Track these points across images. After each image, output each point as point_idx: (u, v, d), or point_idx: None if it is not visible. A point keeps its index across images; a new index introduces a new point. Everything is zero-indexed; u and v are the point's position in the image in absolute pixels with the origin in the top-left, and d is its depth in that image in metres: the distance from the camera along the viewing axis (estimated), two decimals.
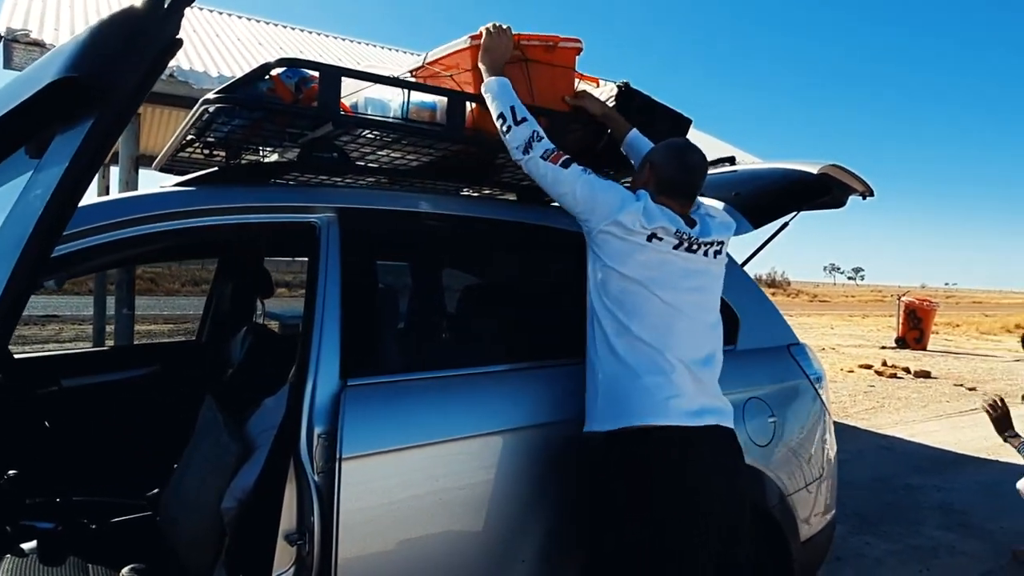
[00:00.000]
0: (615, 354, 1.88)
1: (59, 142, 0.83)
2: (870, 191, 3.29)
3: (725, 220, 2.11)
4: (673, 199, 1.99)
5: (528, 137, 1.95)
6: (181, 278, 23.16)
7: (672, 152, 2.05)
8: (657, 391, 1.84)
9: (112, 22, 0.84)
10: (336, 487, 1.68)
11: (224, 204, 1.86)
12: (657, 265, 1.90)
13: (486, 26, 2.13)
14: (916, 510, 4.74)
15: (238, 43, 6.85)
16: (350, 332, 1.83)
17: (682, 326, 1.91)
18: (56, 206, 0.75)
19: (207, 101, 1.83)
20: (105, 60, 0.81)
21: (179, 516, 2.19)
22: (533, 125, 1.98)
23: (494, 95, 2.01)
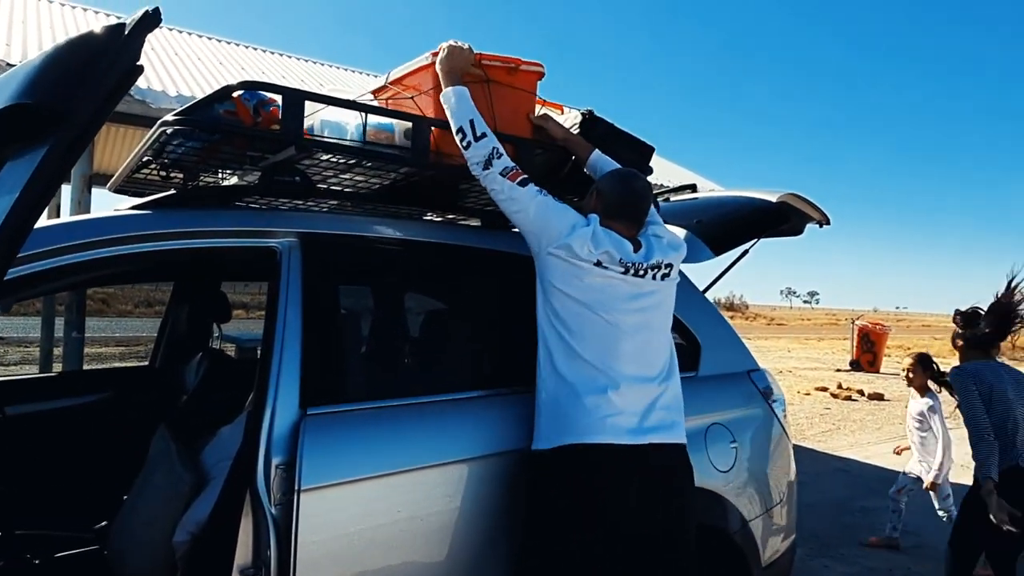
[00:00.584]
0: (558, 373, 1.91)
1: (10, 168, 0.79)
2: (827, 219, 3.38)
3: (673, 241, 2.15)
4: (619, 222, 2.03)
5: (488, 153, 1.98)
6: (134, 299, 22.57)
7: (617, 180, 2.10)
8: (596, 410, 1.86)
9: (70, 48, 0.81)
10: (294, 520, 1.64)
11: (182, 228, 1.82)
12: (601, 288, 1.93)
13: (445, 42, 2.16)
14: (872, 532, 4.81)
15: (198, 62, 6.76)
16: (310, 359, 1.79)
17: (626, 346, 1.93)
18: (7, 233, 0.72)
19: (165, 123, 1.79)
20: (62, 86, 0.78)
21: (128, 550, 2.10)
22: (493, 141, 2.00)
23: (452, 106, 2.03)
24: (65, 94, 0.77)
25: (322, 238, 1.98)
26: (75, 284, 3.03)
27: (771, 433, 2.69)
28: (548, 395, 1.93)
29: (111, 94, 0.79)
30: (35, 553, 2.35)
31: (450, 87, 2.05)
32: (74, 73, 0.77)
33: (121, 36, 0.79)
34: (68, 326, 4.71)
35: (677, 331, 2.60)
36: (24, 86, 0.80)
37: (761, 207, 3.03)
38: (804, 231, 3.45)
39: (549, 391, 1.93)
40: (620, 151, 2.50)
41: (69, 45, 0.81)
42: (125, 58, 0.79)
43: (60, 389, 3.05)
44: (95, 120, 0.78)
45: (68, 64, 0.80)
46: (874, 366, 16.26)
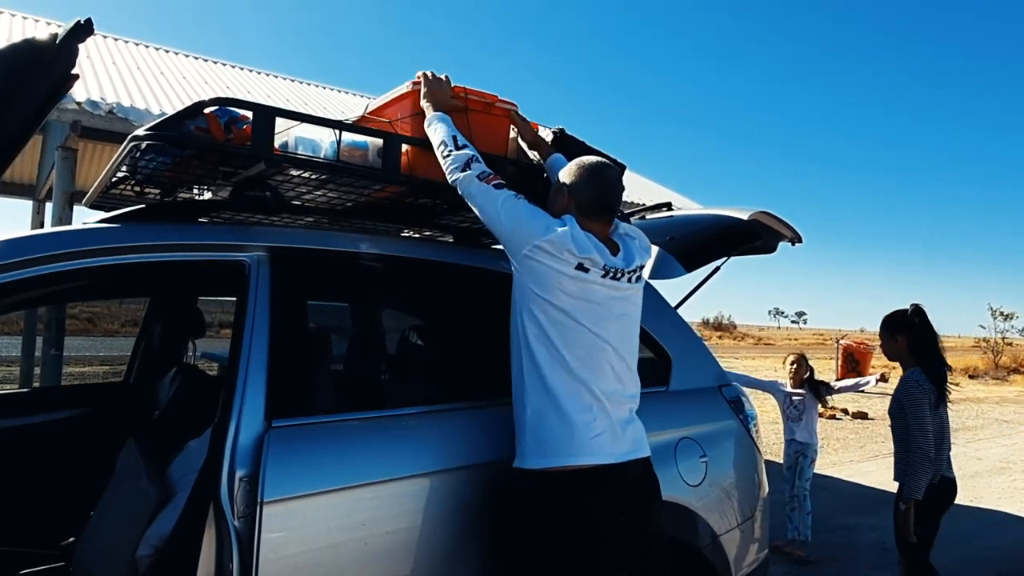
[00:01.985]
0: (545, 387, 1.85)
1: None
2: (799, 237, 3.43)
3: (644, 243, 2.10)
4: (596, 221, 1.98)
5: (467, 159, 1.98)
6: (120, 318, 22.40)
7: (588, 172, 2.02)
8: (584, 429, 1.83)
9: (5, 55, 0.83)
10: (257, 532, 1.63)
11: (151, 241, 1.83)
12: (583, 295, 1.88)
13: (423, 72, 2.18)
14: (852, 548, 4.83)
15: (183, 81, 6.80)
16: (277, 372, 1.80)
17: (608, 358, 1.90)
18: None
19: (136, 137, 1.81)
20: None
21: (93, 565, 2.08)
22: (473, 151, 2.01)
23: (437, 127, 2.06)
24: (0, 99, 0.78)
25: (291, 252, 1.99)
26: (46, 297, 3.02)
27: (742, 448, 2.71)
28: (533, 411, 1.87)
29: (44, 104, 0.81)
30: (0, 570, 2.32)
31: (435, 114, 2.10)
32: (8, 80, 0.79)
33: (53, 46, 0.81)
34: (46, 343, 4.69)
35: (648, 345, 2.63)
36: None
37: (733, 224, 3.08)
38: (777, 249, 3.51)
39: (534, 407, 1.86)
40: None
41: (3, 52, 0.83)
42: (58, 68, 0.81)
43: (32, 405, 3.02)
44: (26, 130, 0.80)
45: (2, 70, 0.81)
46: None
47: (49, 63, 0.79)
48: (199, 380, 2.77)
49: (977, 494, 6.59)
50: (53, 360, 4.64)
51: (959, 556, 4.79)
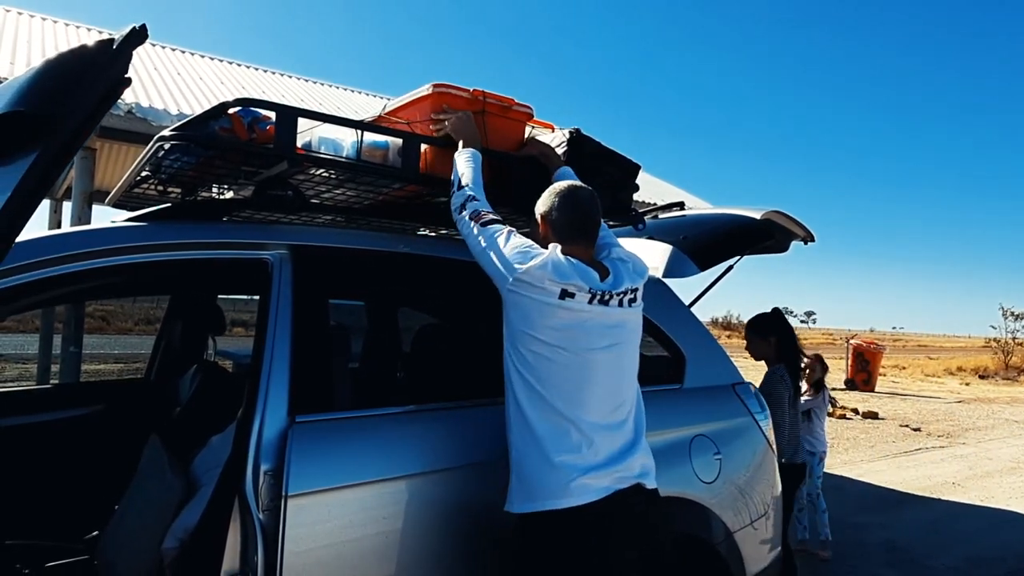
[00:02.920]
0: (528, 427, 1.81)
1: (2, 173, 0.84)
2: (811, 236, 3.45)
3: (639, 266, 2.03)
4: (577, 243, 1.93)
5: (463, 200, 2.02)
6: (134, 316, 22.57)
7: (559, 198, 1.98)
8: (569, 471, 1.76)
9: (62, 60, 0.87)
10: (281, 525, 1.67)
11: (176, 240, 1.87)
12: (569, 327, 1.82)
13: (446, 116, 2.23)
14: (861, 547, 4.83)
15: (200, 82, 6.86)
16: (300, 368, 1.84)
17: (597, 391, 1.84)
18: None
19: (162, 138, 1.85)
20: (53, 96, 0.84)
21: (118, 558, 2.13)
22: (474, 190, 2.04)
23: (458, 163, 2.11)
24: (57, 103, 0.82)
25: (313, 250, 2.03)
26: (73, 295, 3.07)
27: (756, 446, 2.73)
28: (518, 454, 1.83)
29: (100, 104, 0.84)
30: (26, 563, 2.37)
31: (466, 149, 2.14)
32: (65, 84, 0.83)
33: (110, 50, 0.85)
34: (65, 341, 4.75)
35: (662, 343, 2.66)
36: (19, 95, 0.85)
37: (745, 224, 3.10)
38: (789, 248, 3.52)
39: (519, 449, 1.83)
40: (606, 169, 2.57)
41: (61, 58, 0.87)
42: (113, 71, 0.84)
43: (54, 401, 3.08)
44: (84, 128, 0.83)
45: (60, 76, 0.85)
46: (869, 385, 16.27)
47: (104, 68, 0.82)
48: (219, 377, 2.81)
49: (988, 493, 6.58)
50: (72, 357, 4.70)
51: (970, 555, 4.79)
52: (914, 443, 9.26)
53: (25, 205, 0.80)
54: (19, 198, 0.79)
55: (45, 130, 0.82)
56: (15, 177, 0.79)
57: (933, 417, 11.98)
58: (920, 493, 6.49)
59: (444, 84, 2.31)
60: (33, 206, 0.83)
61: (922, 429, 10.47)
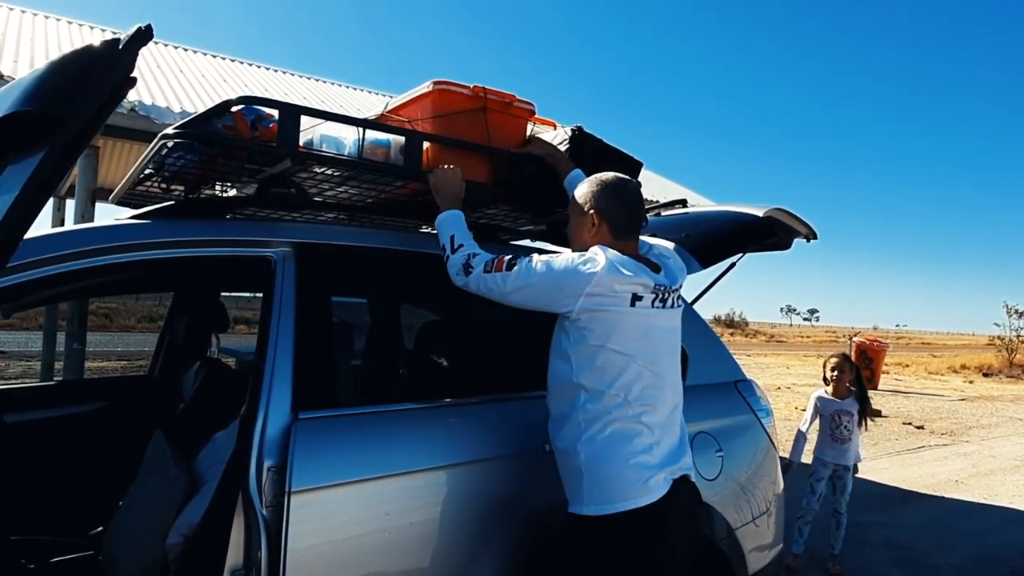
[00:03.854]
0: (602, 431, 1.80)
1: (11, 172, 0.85)
2: (814, 234, 3.44)
3: (679, 262, 2.04)
4: (630, 239, 1.93)
5: (464, 259, 1.90)
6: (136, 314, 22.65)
7: (613, 189, 1.95)
8: (645, 470, 1.79)
9: (68, 60, 0.88)
10: (285, 521, 1.68)
11: (179, 237, 1.88)
12: (642, 335, 1.82)
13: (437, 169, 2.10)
14: (865, 545, 4.83)
15: (202, 79, 6.87)
16: (303, 365, 1.85)
17: (665, 395, 1.87)
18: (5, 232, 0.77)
19: (166, 136, 1.86)
20: (60, 95, 0.84)
21: (122, 553, 2.14)
22: (470, 248, 1.94)
23: (441, 227, 2.02)
24: (63, 102, 0.83)
25: (316, 247, 2.04)
26: (77, 292, 3.08)
27: (758, 443, 2.73)
28: (588, 455, 1.80)
29: (106, 103, 0.85)
30: (30, 558, 2.38)
31: (445, 211, 2.04)
32: (72, 83, 0.83)
33: (116, 49, 0.86)
34: (69, 338, 4.76)
35: None
36: (26, 95, 0.86)
37: (748, 221, 3.09)
38: (792, 246, 3.51)
39: (589, 452, 1.80)
40: (609, 167, 2.57)
41: (67, 57, 0.88)
42: (119, 70, 0.85)
43: (59, 398, 3.09)
44: (91, 127, 0.84)
45: (66, 74, 0.86)
46: (872, 382, 16.24)
47: (110, 67, 0.83)
48: (223, 373, 2.82)
49: (992, 492, 6.58)
50: (76, 354, 4.71)
51: (974, 553, 4.79)
52: (917, 441, 9.26)
53: (33, 203, 0.81)
54: (27, 196, 0.80)
55: (52, 129, 0.82)
56: (23, 175, 0.80)
57: (936, 415, 11.96)
58: (923, 491, 6.49)
59: (444, 81, 2.32)
60: (40, 204, 0.83)
61: (925, 427, 10.46)
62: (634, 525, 1.79)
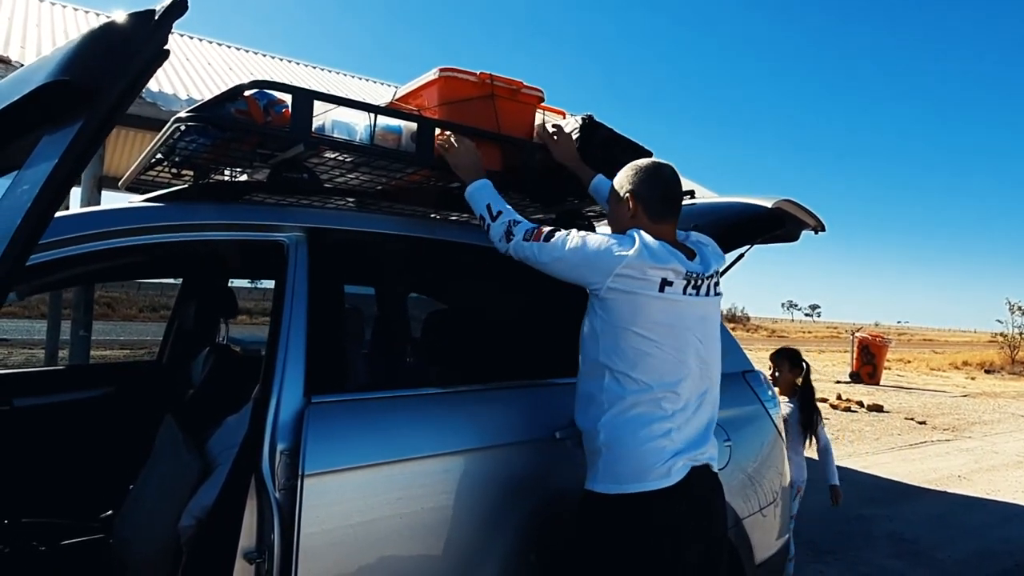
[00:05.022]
0: (623, 413, 1.81)
1: (46, 142, 0.85)
2: (822, 226, 3.43)
3: (717, 250, 2.03)
4: (667, 222, 1.93)
5: (506, 226, 1.94)
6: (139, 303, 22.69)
7: (647, 173, 1.96)
8: (662, 454, 1.79)
9: (105, 30, 0.88)
10: (298, 504, 1.68)
11: (194, 220, 1.88)
12: (669, 321, 1.82)
13: (442, 140, 2.10)
14: (868, 539, 4.85)
15: (208, 67, 6.86)
16: (315, 349, 1.85)
17: (692, 382, 1.87)
18: (43, 203, 0.77)
19: (179, 119, 1.86)
20: (96, 66, 0.84)
21: (134, 536, 2.15)
22: (509, 214, 1.97)
23: (474, 198, 2.03)
24: (99, 73, 0.83)
25: (328, 232, 2.04)
26: (90, 275, 3.08)
27: (765, 434, 2.74)
28: (607, 436, 1.81)
29: (140, 74, 0.85)
30: (41, 540, 2.40)
31: (472, 183, 2.05)
32: (108, 54, 0.84)
33: (151, 22, 0.86)
34: (75, 324, 4.77)
35: None
36: (61, 65, 0.86)
37: (756, 212, 3.09)
38: (800, 237, 3.51)
39: (609, 432, 1.81)
40: (619, 156, 2.57)
41: (104, 28, 0.88)
42: (154, 42, 0.85)
43: (68, 382, 3.10)
44: (125, 98, 0.84)
45: (102, 45, 0.86)
46: (874, 378, 16.27)
47: (145, 39, 0.83)
48: (232, 359, 2.83)
49: (994, 487, 6.59)
50: (81, 341, 4.72)
51: (977, 548, 4.81)
52: (919, 436, 9.27)
53: (69, 175, 0.81)
54: (63, 168, 0.79)
55: (87, 101, 0.82)
56: (59, 147, 0.80)
57: (939, 411, 11.98)
58: (926, 486, 6.50)
59: (451, 68, 2.31)
60: (75, 177, 0.84)
61: (927, 422, 10.47)
62: (644, 508, 1.79)
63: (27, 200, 0.76)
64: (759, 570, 2.59)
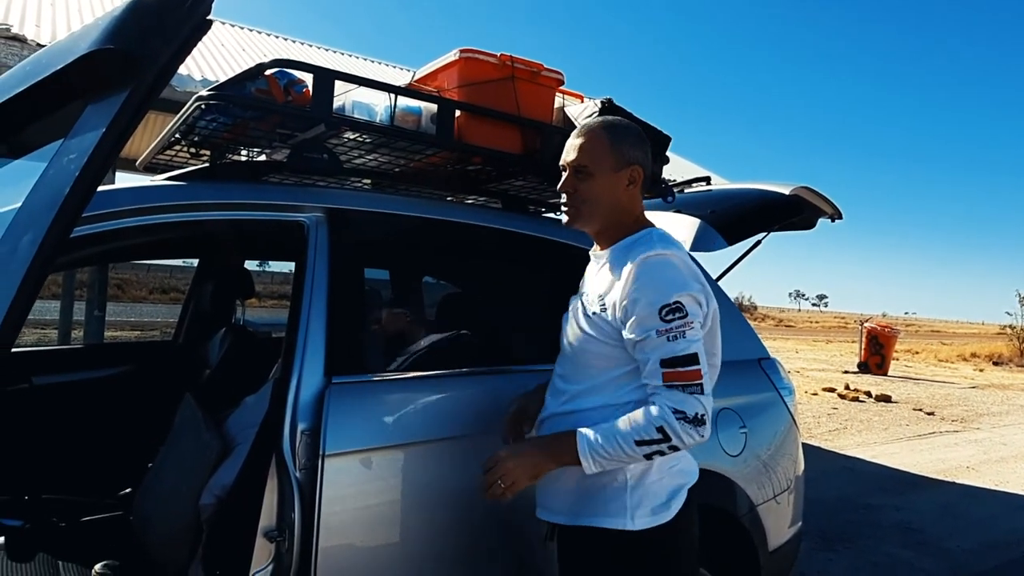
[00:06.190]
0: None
1: (92, 111, 0.85)
2: (839, 214, 3.42)
3: None
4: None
5: (688, 425, 1.44)
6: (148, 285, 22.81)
7: (642, 137, 1.65)
8: (689, 475, 1.67)
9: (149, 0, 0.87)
10: (318, 484, 1.69)
11: (217, 200, 1.88)
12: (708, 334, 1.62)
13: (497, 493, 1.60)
14: (876, 528, 4.85)
15: (221, 48, 6.84)
16: (336, 329, 1.85)
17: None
18: (90, 173, 0.77)
19: (201, 98, 1.85)
20: (142, 34, 0.84)
21: (155, 513, 2.17)
22: (663, 417, 1.44)
23: (620, 450, 1.47)
24: (145, 41, 0.82)
25: (349, 213, 2.03)
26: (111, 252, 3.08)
27: (781, 421, 2.73)
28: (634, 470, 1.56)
29: (184, 43, 0.85)
30: (61, 517, 2.42)
31: (580, 448, 1.49)
32: (152, 23, 0.83)
33: None
34: (89, 304, 4.79)
35: None
36: (109, 32, 0.85)
37: (774, 199, 3.07)
38: (816, 225, 3.49)
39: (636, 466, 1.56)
40: None
41: None
42: (199, 11, 0.85)
43: (86, 361, 3.12)
44: (170, 67, 0.84)
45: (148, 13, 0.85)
46: (882, 368, 16.22)
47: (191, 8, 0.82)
48: (249, 340, 2.84)
49: (1002, 479, 6.57)
50: (96, 321, 4.75)
51: (986, 538, 4.80)
52: (928, 427, 9.25)
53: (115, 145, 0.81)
54: (111, 137, 0.79)
55: (131, 70, 0.82)
56: (106, 117, 0.80)
57: (947, 402, 11.94)
58: (934, 476, 6.50)
59: (471, 49, 2.30)
60: (120, 147, 0.83)
61: (936, 413, 10.45)
62: (681, 523, 1.62)
63: (74, 170, 0.76)
64: (772, 556, 2.59)
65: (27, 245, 0.77)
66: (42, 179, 0.82)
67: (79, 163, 0.77)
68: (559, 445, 1.53)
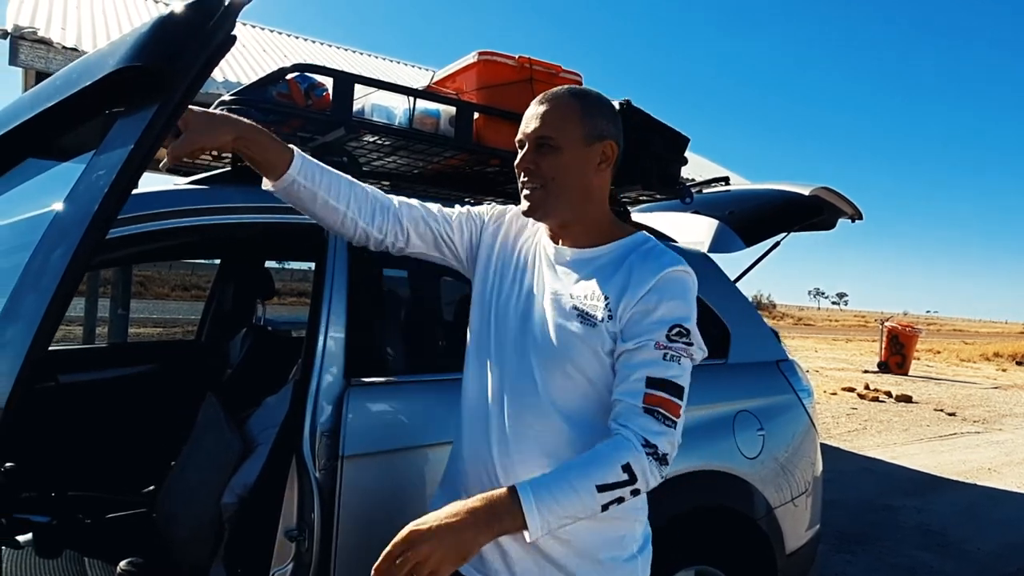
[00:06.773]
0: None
1: (121, 126, 0.87)
2: (859, 214, 3.39)
3: None
4: None
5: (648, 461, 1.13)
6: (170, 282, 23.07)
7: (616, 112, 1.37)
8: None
9: (176, 15, 0.89)
10: (338, 485, 1.71)
11: (240, 203, 1.90)
12: None
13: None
14: (896, 530, 4.81)
15: (243, 49, 6.90)
16: (355, 332, 1.87)
17: None
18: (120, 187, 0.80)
19: (223, 102, 1.88)
20: (168, 51, 0.86)
21: (178, 511, 2.21)
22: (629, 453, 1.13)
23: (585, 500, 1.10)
24: (172, 58, 0.85)
25: None
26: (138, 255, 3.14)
27: (799, 423, 2.72)
28: (645, 538, 1.37)
29: (210, 60, 0.87)
30: (87, 513, 2.47)
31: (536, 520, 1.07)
32: (179, 39, 0.85)
33: (221, 7, 0.88)
34: (114, 302, 4.87)
35: (708, 319, 2.65)
36: (135, 49, 0.88)
37: (794, 199, 3.05)
38: (836, 225, 3.46)
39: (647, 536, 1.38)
40: (656, 142, 2.55)
41: (175, 14, 0.90)
42: (224, 28, 0.87)
43: (111, 359, 3.18)
44: (196, 83, 0.86)
45: (174, 30, 0.88)
46: (903, 368, 16.03)
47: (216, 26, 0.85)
48: (269, 340, 2.87)
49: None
50: (120, 319, 4.82)
51: (1008, 540, 4.75)
52: (949, 427, 9.14)
53: (145, 158, 0.83)
54: (140, 151, 0.82)
55: (161, 85, 0.84)
56: (136, 130, 0.82)
57: (969, 402, 11.79)
58: (955, 477, 6.42)
59: (490, 52, 2.31)
60: (150, 159, 0.86)
61: (957, 414, 10.32)
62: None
63: (103, 185, 0.78)
64: (790, 559, 2.59)
65: (58, 259, 0.79)
66: (72, 193, 0.85)
67: (108, 179, 0.80)
68: (492, 507, 1.09)
